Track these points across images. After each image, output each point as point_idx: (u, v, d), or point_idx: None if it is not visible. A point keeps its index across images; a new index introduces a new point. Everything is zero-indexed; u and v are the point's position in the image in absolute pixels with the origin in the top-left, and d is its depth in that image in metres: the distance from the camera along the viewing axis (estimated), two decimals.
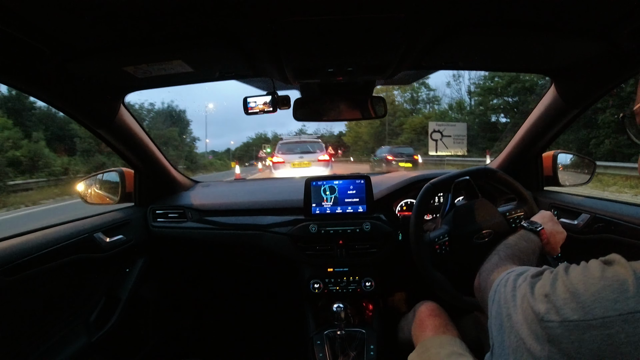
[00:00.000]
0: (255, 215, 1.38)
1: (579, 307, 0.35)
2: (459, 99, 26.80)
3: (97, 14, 0.62)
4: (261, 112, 1.13)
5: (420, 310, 0.98)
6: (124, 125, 1.14)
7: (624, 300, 0.33)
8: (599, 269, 0.37)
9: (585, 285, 0.36)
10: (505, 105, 21.73)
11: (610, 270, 0.36)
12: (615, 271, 0.36)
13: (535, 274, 0.43)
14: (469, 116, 23.89)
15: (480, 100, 22.66)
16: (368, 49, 0.84)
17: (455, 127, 11.86)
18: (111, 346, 1.15)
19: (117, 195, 1.35)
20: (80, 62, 0.81)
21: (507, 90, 20.57)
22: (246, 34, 0.74)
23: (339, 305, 1.13)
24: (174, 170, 1.52)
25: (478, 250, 0.86)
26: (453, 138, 11.34)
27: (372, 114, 1.24)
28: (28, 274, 0.86)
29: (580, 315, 0.34)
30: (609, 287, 0.34)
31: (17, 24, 0.62)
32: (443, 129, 11.39)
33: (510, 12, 0.69)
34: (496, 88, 20.95)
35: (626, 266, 0.36)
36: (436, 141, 11.23)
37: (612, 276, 0.35)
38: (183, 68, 0.90)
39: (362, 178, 1.32)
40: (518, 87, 19.67)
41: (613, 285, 0.34)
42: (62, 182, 12.45)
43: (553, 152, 1.30)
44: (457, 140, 11.39)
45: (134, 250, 1.29)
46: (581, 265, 0.40)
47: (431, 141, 11.32)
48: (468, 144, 11.91)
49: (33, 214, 7.49)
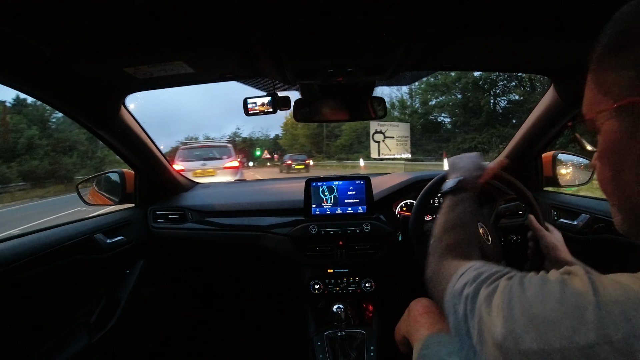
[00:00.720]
0: (255, 216, 1.38)
1: (538, 336, 0.31)
2: (400, 98, 24.94)
3: (97, 14, 0.63)
4: (261, 113, 1.13)
5: (414, 308, 0.97)
6: (124, 126, 1.14)
7: (583, 331, 0.29)
8: (558, 287, 0.33)
9: (543, 308, 0.32)
10: (454, 103, 20.08)
11: (570, 289, 0.32)
12: (575, 291, 0.32)
13: (489, 282, 0.40)
14: (412, 116, 22.64)
15: (423, 99, 21.42)
16: (368, 50, 0.85)
17: (398, 127, 11.25)
18: (112, 347, 1.15)
19: (117, 196, 1.36)
20: (80, 63, 0.81)
21: (454, 85, 19.47)
22: (247, 35, 0.74)
23: (339, 306, 1.14)
24: (174, 171, 1.52)
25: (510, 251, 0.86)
26: (396, 139, 10.76)
27: (372, 115, 1.25)
28: (29, 275, 0.86)
29: (539, 346, 0.31)
30: (567, 313, 0.31)
31: (18, 25, 0.62)
32: (385, 129, 10.76)
33: (509, 13, 0.69)
34: (443, 84, 19.72)
35: (587, 284, 0.31)
36: (378, 143, 10.71)
37: (571, 298, 0.31)
38: (184, 69, 0.90)
39: (362, 179, 1.32)
40: (468, 82, 18.61)
41: (571, 311, 0.30)
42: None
43: (553, 153, 1.30)
44: (401, 141, 10.84)
45: (135, 251, 1.29)
46: (539, 278, 0.36)
47: (373, 143, 10.76)
48: (412, 145, 11.49)
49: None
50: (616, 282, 0.31)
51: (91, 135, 1.14)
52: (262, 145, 38.86)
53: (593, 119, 0.40)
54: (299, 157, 18.43)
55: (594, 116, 0.39)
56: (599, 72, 0.39)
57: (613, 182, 0.39)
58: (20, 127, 20.33)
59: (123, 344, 1.24)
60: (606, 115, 0.37)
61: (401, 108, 24.50)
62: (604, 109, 0.37)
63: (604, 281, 0.31)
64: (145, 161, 1.31)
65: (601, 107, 0.38)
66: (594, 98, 0.39)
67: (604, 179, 0.40)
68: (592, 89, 0.40)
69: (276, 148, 39.26)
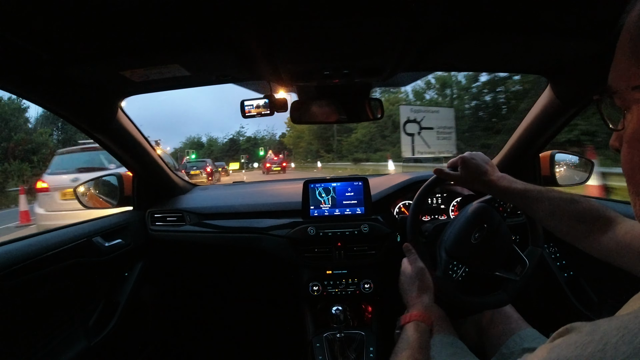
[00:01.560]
0: (253, 218, 1.38)
1: None
2: (438, 74, 16.23)
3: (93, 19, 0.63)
4: (258, 115, 1.13)
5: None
6: (121, 129, 1.14)
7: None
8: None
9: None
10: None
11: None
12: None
13: None
14: (459, 98, 15.78)
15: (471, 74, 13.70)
16: (364, 52, 0.85)
17: (438, 113, 7.89)
18: (110, 350, 1.15)
19: (115, 199, 1.35)
20: (77, 66, 0.81)
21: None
22: (242, 37, 0.74)
23: (337, 308, 1.13)
24: (172, 173, 1.52)
25: (482, 247, 0.86)
26: (437, 131, 7.52)
27: (369, 116, 1.25)
28: (27, 279, 0.86)
29: None
30: None
31: (14, 29, 0.62)
32: (422, 117, 7.48)
33: (506, 13, 0.69)
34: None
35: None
36: (412, 136, 7.46)
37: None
38: (180, 72, 0.90)
39: (360, 180, 1.32)
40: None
41: None
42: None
43: (550, 152, 1.30)
44: (443, 133, 7.59)
45: (133, 254, 1.29)
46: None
47: (405, 137, 7.48)
48: (459, 139, 8.18)
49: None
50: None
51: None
52: (267, 145, 37.08)
53: (624, 93, 0.34)
54: (277, 161, 23.18)
55: (626, 91, 0.34)
56: (638, 37, 0.32)
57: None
58: None
59: (122, 347, 1.24)
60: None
61: (440, 88, 16.76)
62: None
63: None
64: (143, 164, 1.31)
65: (638, 81, 0.32)
66: (628, 70, 0.33)
67: (630, 163, 0.35)
68: (627, 59, 0.33)
69: (282, 147, 36.64)
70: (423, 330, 0.69)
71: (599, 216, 0.63)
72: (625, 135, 0.35)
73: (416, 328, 0.69)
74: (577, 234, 0.65)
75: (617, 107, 0.36)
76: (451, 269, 0.85)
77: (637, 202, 0.36)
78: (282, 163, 22.13)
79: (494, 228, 0.87)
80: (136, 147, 1.24)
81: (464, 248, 0.87)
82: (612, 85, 0.36)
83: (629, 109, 0.34)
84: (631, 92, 0.33)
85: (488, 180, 0.75)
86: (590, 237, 0.63)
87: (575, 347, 0.24)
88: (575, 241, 0.66)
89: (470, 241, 0.86)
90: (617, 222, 0.61)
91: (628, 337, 0.22)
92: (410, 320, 0.71)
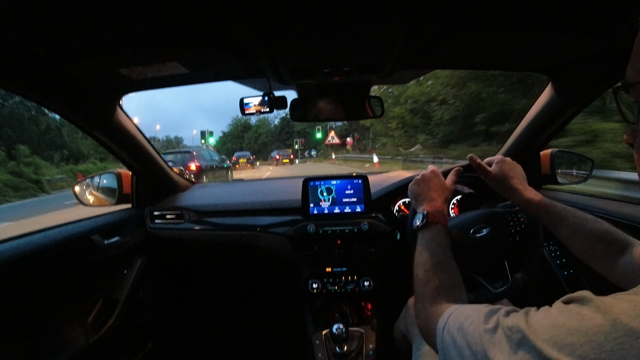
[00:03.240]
0: (253, 215, 1.38)
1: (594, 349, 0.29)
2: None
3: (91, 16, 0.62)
4: (258, 113, 1.13)
5: (412, 306, 0.97)
6: (120, 126, 1.13)
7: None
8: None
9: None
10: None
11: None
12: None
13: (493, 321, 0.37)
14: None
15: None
16: (364, 49, 0.84)
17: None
18: (109, 348, 1.15)
19: (114, 197, 1.35)
20: (75, 64, 0.80)
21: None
22: (241, 34, 0.74)
23: (339, 327, 1.09)
24: (171, 171, 1.52)
25: (476, 246, 0.86)
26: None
27: (369, 114, 1.24)
28: (25, 277, 0.86)
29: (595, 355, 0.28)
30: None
31: (11, 27, 0.62)
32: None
33: (507, 10, 0.69)
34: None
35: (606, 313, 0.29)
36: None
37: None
38: (178, 70, 0.89)
39: (359, 178, 1.32)
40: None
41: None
42: None
43: (551, 151, 1.30)
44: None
45: (132, 252, 1.29)
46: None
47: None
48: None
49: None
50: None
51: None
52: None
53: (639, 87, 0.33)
54: (285, 153, 24.64)
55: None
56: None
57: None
58: None
59: (121, 345, 1.24)
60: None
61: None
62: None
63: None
64: (142, 161, 1.31)
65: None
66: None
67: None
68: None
69: (351, 129, 26.47)
70: (447, 236, 0.65)
71: (618, 239, 0.62)
72: (633, 128, 0.35)
73: (445, 232, 0.65)
74: (597, 254, 0.64)
75: (633, 101, 0.35)
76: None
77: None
78: (291, 156, 24.19)
79: (494, 234, 0.86)
80: (135, 144, 1.23)
81: (460, 238, 0.86)
82: (629, 79, 0.35)
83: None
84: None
85: (515, 188, 0.73)
86: (608, 257, 0.62)
87: (582, 319, 0.30)
88: (594, 261, 0.64)
89: (468, 233, 0.86)
90: (634, 246, 0.60)
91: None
92: (439, 222, 0.66)
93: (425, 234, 0.65)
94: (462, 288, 0.56)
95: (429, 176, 0.75)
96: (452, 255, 0.62)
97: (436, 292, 0.55)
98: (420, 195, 0.73)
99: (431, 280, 0.57)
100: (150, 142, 1.30)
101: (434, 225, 0.66)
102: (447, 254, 0.61)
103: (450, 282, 0.56)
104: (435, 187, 0.73)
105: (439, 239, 0.63)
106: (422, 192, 0.73)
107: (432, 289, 0.55)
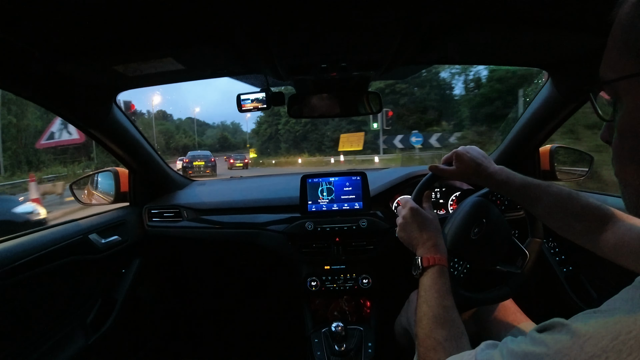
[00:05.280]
0: (251, 213, 1.37)
1: None
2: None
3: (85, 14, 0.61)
4: (255, 109, 1.12)
5: (414, 299, 0.97)
6: (116, 124, 1.12)
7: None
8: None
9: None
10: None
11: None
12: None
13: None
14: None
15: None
16: (361, 45, 0.83)
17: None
18: (108, 348, 1.15)
19: (111, 196, 1.34)
20: (70, 62, 0.80)
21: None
22: (237, 31, 0.73)
23: (338, 325, 1.09)
24: (169, 169, 1.51)
25: (475, 243, 0.85)
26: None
27: (368, 110, 1.23)
28: (23, 277, 0.85)
29: None
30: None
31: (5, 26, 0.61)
32: None
33: (507, 6, 0.68)
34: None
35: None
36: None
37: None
38: (174, 66, 0.89)
39: (358, 174, 1.31)
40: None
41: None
42: None
43: (550, 147, 1.29)
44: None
45: (130, 251, 1.28)
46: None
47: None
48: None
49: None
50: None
51: None
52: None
53: (615, 83, 0.34)
54: (239, 157, 22.80)
55: (617, 81, 0.33)
56: (629, 28, 0.32)
57: (634, 161, 0.34)
58: None
59: (120, 344, 1.24)
60: (635, 81, 0.31)
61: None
62: (633, 73, 0.31)
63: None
64: (139, 159, 1.30)
65: (627, 71, 0.32)
66: (618, 61, 0.33)
67: (620, 153, 0.35)
68: (618, 49, 0.33)
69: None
70: (446, 275, 0.66)
71: (597, 214, 0.62)
72: (616, 126, 0.35)
73: (441, 273, 0.65)
74: (575, 232, 0.64)
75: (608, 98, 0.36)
76: (452, 267, 0.84)
77: (626, 193, 0.36)
78: (245, 160, 21.20)
79: (492, 222, 0.86)
80: (131, 142, 1.22)
81: (464, 245, 0.86)
82: (602, 76, 0.36)
83: (619, 99, 0.34)
84: (620, 83, 0.33)
85: (486, 174, 0.73)
86: (588, 235, 0.62)
87: (554, 344, 0.31)
88: (573, 238, 0.65)
89: (470, 237, 0.85)
90: (615, 221, 0.60)
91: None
92: (435, 264, 0.66)
93: (423, 283, 0.65)
94: (461, 339, 0.57)
95: (410, 217, 0.74)
96: (452, 301, 0.62)
97: (434, 350, 0.56)
98: (412, 240, 0.73)
99: (429, 338, 0.58)
100: (147, 140, 1.29)
101: (430, 269, 0.66)
102: (445, 302, 0.61)
103: (448, 336, 0.57)
104: (421, 226, 0.72)
105: (436, 286, 0.63)
106: (411, 236, 0.73)
107: (431, 346, 0.57)
